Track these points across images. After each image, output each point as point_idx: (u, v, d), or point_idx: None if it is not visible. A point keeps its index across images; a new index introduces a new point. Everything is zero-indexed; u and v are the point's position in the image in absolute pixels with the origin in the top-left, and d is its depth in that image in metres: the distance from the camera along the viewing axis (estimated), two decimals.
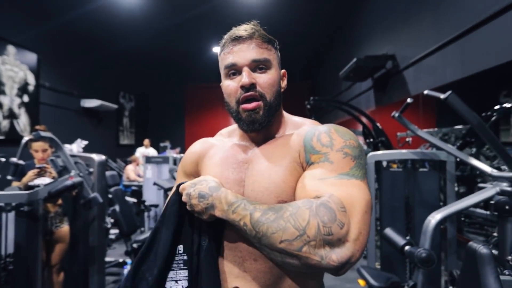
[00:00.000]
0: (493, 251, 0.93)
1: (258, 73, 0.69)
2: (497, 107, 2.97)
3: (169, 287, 0.67)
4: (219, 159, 0.76)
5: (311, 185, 0.60)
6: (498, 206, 1.59)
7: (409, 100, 1.91)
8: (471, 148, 3.14)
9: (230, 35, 0.71)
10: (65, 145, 2.27)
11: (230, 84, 0.70)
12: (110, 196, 2.81)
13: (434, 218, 1.62)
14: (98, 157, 2.37)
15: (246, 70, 0.68)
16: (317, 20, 6.69)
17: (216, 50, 8.51)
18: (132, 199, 3.44)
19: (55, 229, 2.21)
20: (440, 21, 3.19)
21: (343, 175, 0.60)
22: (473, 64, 2.71)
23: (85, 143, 3.06)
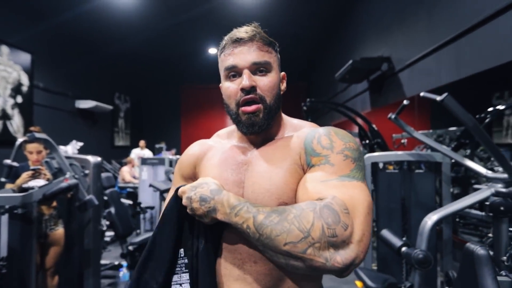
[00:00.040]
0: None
1: (258, 76, 0.69)
2: (491, 109, 3.01)
3: None
4: (218, 160, 0.75)
5: (314, 188, 0.60)
6: (493, 207, 1.61)
7: (405, 102, 1.93)
8: (466, 149, 3.17)
9: (231, 37, 0.70)
10: (60, 146, 2.25)
11: (230, 86, 0.70)
12: (106, 198, 2.79)
13: (431, 219, 1.63)
14: (93, 159, 2.35)
15: (247, 72, 0.68)
16: (313, 22, 6.73)
17: (213, 51, 8.49)
18: (127, 201, 3.41)
19: (50, 232, 2.18)
20: (434, 24, 3.22)
21: (344, 177, 0.61)
22: (467, 66, 2.74)
23: (80, 144, 3.04)
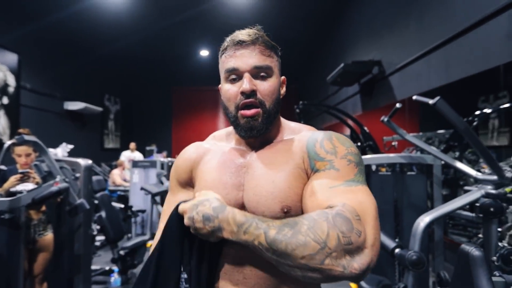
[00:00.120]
0: None
1: (259, 80, 0.69)
2: (478, 112, 3.08)
3: None
4: (216, 163, 0.75)
5: (322, 195, 0.60)
6: (483, 208, 1.64)
7: (398, 105, 1.96)
8: (454, 152, 3.24)
9: (233, 39, 0.69)
10: (49, 149, 2.20)
11: (230, 89, 0.69)
12: (96, 202, 2.73)
13: (423, 221, 1.65)
14: (84, 162, 2.31)
15: (247, 76, 0.67)
16: (305, 25, 6.79)
17: (204, 53, 8.47)
18: (118, 205, 3.35)
19: (38, 237, 2.12)
20: (424, 29, 3.29)
21: (350, 181, 0.61)
22: (456, 70, 2.81)
23: (70, 147, 2.97)
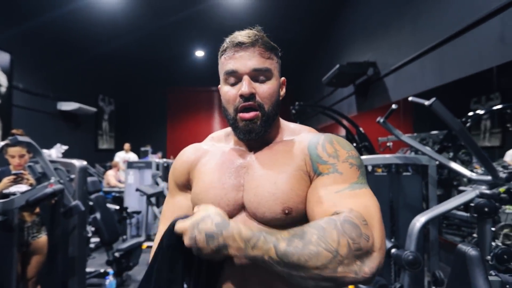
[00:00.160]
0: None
1: (258, 83, 0.68)
2: (471, 113, 3.12)
3: None
4: (215, 164, 0.74)
5: (329, 200, 0.60)
6: (478, 208, 1.66)
7: (394, 106, 1.98)
8: (448, 152, 3.28)
9: (232, 40, 0.69)
10: (43, 150, 2.17)
11: (229, 91, 0.69)
12: (91, 203, 2.70)
13: (419, 221, 1.66)
14: (79, 163, 2.28)
15: (247, 79, 0.67)
16: (300, 27, 6.81)
17: (200, 53, 8.45)
18: (113, 206, 3.32)
19: (32, 240, 2.09)
20: (418, 31, 3.33)
21: (354, 184, 0.62)
22: (450, 72, 2.84)
23: (65, 148, 2.94)
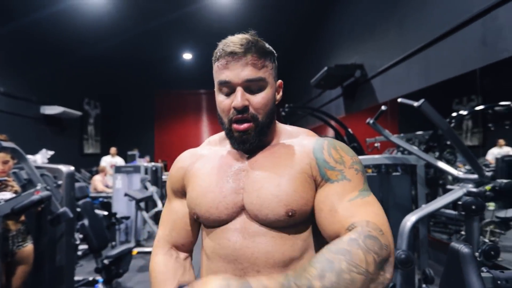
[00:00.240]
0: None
1: (252, 93, 0.68)
2: (455, 114, 3.21)
3: None
4: (211, 168, 0.74)
5: (343, 210, 0.61)
6: (465, 206, 1.71)
7: (383, 108, 2.02)
8: (434, 152, 3.36)
9: (225, 49, 0.67)
10: (28, 156, 2.10)
11: (224, 101, 0.69)
12: (78, 209, 2.63)
13: (410, 220, 1.70)
14: (66, 168, 2.22)
15: (240, 90, 0.66)
16: (288, 29, 6.87)
17: (187, 56, 8.40)
18: (102, 212, 3.24)
19: (17, 249, 2.01)
20: (404, 34, 3.41)
21: (362, 191, 0.63)
22: (435, 74, 2.92)
23: (51, 153, 2.85)
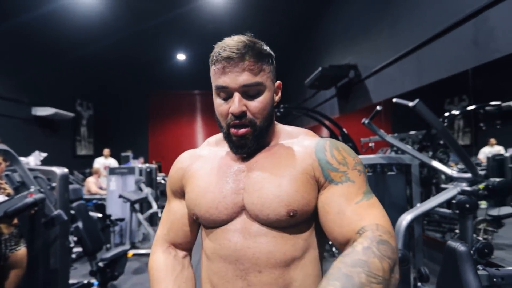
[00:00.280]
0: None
1: (249, 98, 0.67)
2: (447, 114, 3.26)
3: None
4: (210, 169, 0.73)
5: (352, 212, 0.62)
6: (460, 205, 1.74)
7: (378, 108, 2.03)
8: (428, 151, 3.40)
9: (221, 54, 0.65)
10: (20, 158, 2.06)
11: (222, 105, 0.68)
12: (72, 212, 2.59)
13: (405, 219, 1.72)
14: (60, 170, 2.19)
15: (237, 96, 0.66)
16: (282, 30, 6.89)
17: (181, 57, 8.36)
18: (96, 214, 3.20)
19: (10, 253, 1.97)
20: (397, 35, 3.45)
21: (366, 193, 0.64)
22: (427, 74, 2.96)
23: (44, 155, 2.80)
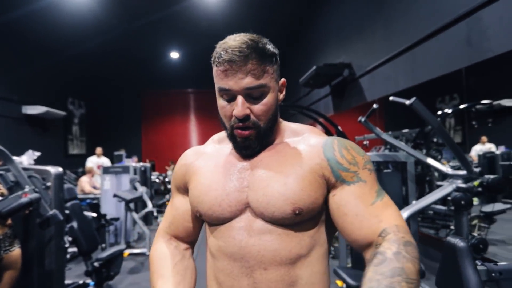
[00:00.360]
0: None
1: (253, 100, 0.67)
2: (440, 112, 3.31)
3: None
4: (214, 166, 0.73)
5: (369, 214, 0.62)
6: (455, 202, 1.77)
7: (375, 106, 2.05)
8: (421, 149, 3.45)
9: (223, 56, 0.64)
10: (13, 157, 2.02)
11: (225, 107, 0.68)
12: (67, 211, 2.56)
13: (403, 216, 1.74)
14: (54, 169, 2.15)
15: (240, 99, 0.65)
16: (276, 29, 6.89)
17: (175, 55, 8.30)
18: (91, 214, 3.16)
19: (4, 254, 1.93)
20: (390, 34, 3.48)
21: (379, 192, 0.65)
22: (421, 73, 3.00)
23: (37, 154, 2.76)
